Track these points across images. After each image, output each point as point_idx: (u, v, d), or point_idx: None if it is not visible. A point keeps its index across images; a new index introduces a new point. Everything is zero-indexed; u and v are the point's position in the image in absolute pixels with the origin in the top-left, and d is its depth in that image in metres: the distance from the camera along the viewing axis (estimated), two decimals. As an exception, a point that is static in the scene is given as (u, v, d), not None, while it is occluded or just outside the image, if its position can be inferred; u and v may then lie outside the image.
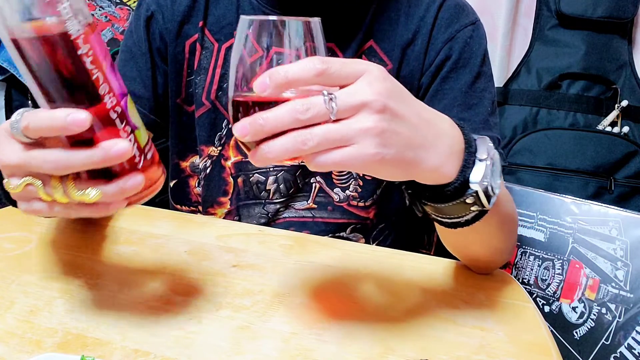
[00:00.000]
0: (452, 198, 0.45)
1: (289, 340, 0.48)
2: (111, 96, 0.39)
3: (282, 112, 0.36)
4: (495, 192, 0.45)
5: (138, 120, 0.42)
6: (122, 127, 0.40)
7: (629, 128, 1.38)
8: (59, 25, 0.36)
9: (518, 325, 0.52)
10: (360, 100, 0.37)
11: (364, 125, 0.37)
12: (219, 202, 0.76)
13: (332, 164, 0.38)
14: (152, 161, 0.43)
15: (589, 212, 0.99)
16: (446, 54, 0.68)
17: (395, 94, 0.39)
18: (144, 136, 0.42)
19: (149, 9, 0.73)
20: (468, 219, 0.47)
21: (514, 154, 1.36)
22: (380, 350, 0.47)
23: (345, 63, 0.38)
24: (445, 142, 0.43)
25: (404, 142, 0.39)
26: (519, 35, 1.50)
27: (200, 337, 0.48)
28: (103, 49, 0.39)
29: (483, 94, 0.68)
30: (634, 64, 1.41)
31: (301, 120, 0.36)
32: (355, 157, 0.37)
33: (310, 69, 0.37)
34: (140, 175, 0.40)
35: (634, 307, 0.92)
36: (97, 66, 0.37)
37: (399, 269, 0.61)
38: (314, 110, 0.36)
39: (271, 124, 0.36)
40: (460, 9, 0.70)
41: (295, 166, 0.72)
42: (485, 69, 0.69)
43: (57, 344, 0.47)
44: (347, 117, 0.37)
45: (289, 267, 0.61)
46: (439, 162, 0.42)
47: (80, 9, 0.37)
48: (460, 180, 0.43)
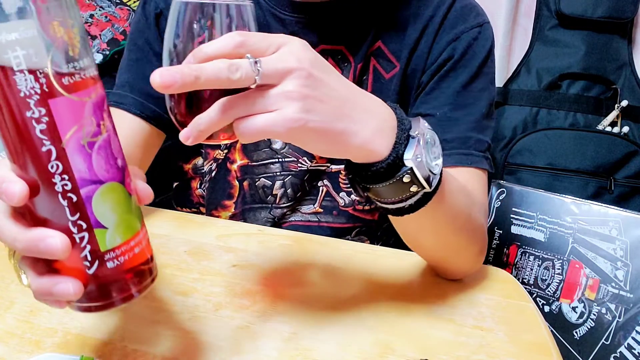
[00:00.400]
0: (387, 176, 0.43)
1: (289, 340, 0.48)
2: (65, 178, 0.31)
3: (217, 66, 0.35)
4: (434, 171, 0.44)
5: (112, 218, 0.33)
6: (72, 219, 0.32)
7: (629, 128, 1.38)
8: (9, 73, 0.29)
9: (518, 325, 0.52)
10: (284, 67, 0.37)
11: (287, 89, 0.37)
12: (223, 205, 0.76)
13: (256, 131, 0.37)
14: (120, 269, 0.34)
15: (589, 212, 0.99)
16: (449, 54, 0.67)
17: (319, 64, 0.39)
18: (111, 239, 0.33)
19: (157, 7, 0.72)
20: (412, 203, 0.45)
21: (514, 154, 1.36)
22: (380, 350, 0.47)
23: (266, 36, 0.38)
24: (374, 117, 0.42)
25: (329, 110, 0.39)
26: (519, 35, 1.51)
27: (200, 337, 0.48)
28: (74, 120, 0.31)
29: (479, 95, 0.67)
30: (634, 64, 1.41)
31: (232, 80, 0.35)
32: (277, 121, 0.37)
33: (229, 41, 0.37)
34: (73, 284, 0.32)
35: (633, 307, 0.92)
36: (51, 138, 0.30)
37: (399, 269, 0.61)
38: (242, 71, 0.36)
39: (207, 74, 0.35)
40: (469, 10, 0.69)
41: (303, 170, 0.71)
42: (486, 70, 0.68)
43: (56, 344, 0.47)
44: (270, 84, 0.37)
45: (289, 267, 0.61)
46: (368, 136, 0.41)
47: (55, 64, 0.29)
48: (393, 156, 0.42)
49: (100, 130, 0.32)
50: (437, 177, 0.45)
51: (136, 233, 0.35)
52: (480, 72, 0.67)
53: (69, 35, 0.30)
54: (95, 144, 0.32)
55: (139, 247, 0.35)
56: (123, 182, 0.34)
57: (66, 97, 0.30)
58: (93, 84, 0.32)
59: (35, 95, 0.29)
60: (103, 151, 0.32)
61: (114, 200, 0.33)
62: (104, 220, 0.33)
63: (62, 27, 0.30)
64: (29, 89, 0.29)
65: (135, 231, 0.35)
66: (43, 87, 0.29)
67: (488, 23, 0.70)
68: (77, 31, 0.31)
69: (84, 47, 0.31)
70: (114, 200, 0.33)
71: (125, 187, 0.34)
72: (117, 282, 0.34)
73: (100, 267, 0.33)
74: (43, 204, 0.32)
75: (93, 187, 0.32)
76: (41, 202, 0.31)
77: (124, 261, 0.34)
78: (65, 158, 0.31)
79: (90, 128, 0.31)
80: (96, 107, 0.32)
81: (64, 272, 0.33)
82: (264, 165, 0.73)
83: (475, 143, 0.64)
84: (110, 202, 0.33)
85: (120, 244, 0.34)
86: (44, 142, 0.30)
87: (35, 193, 0.31)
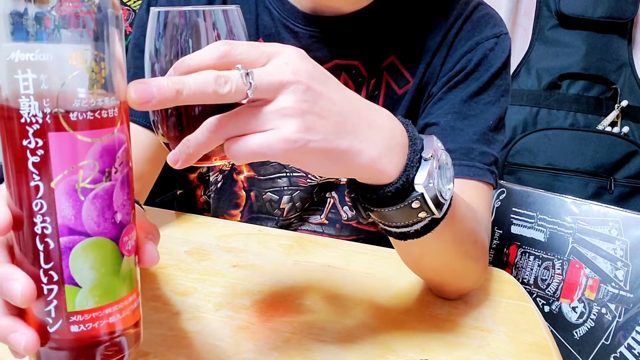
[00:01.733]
0: (395, 201, 0.40)
1: (289, 340, 0.48)
2: (46, 221, 0.28)
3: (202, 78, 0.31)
4: (446, 197, 0.41)
5: (87, 278, 0.29)
6: (45, 267, 0.28)
7: (628, 128, 1.39)
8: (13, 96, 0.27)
9: (518, 326, 0.52)
10: (279, 80, 0.33)
11: (283, 105, 0.33)
12: (229, 214, 0.75)
13: (249, 152, 0.33)
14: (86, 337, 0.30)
15: (589, 212, 0.99)
16: (462, 66, 0.64)
17: (317, 75, 0.35)
18: (82, 301, 0.29)
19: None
20: (417, 229, 0.42)
21: (514, 154, 1.36)
22: (380, 350, 0.47)
23: (254, 44, 0.34)
24: (382, 133, 0.38)
25: (331, 127, 0.35)
26: (519, 35, 1.51)
27: (200, 337, 0.48)
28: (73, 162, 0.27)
29: (488, 107, 0.64)
30: (633, 64, 1.42)
31: (219, 94, 0.31)
32: (273, 142, 0.33)
33: (212, 52, 0.33)
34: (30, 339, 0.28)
35: (633, 307, 0.92)
36: (41, 174, 0.27)
37: (399, 269, 0.61)
38: (231, 84, 0.32)
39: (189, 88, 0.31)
40: (486, 20, 0.66)
41: (312, 185, 0.70)
42: (499, 82, 0.65)
43: (57, 344, 0.47)
44: (264, 99, 0.33)
45: (289, 267, 0.61)
46: (375, 154, 0.37)
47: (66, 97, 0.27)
48: (403, 180, 0.39)
49: (103, 178, 0.28)
50: (447, 203, 0.42)
51: (117, 300, 0.30)
52: (491, 84, 0.64)
53: (94, 68, 0.27)
54: (92, 192, 0.28)
55: (116, 316, 0.30)
56: (117, 240, 0.30)
57: (70, 133, 0.27)
58: (110, 125, 0.28)
59: (36, 125, 0.27)
60: (99, 201, 0.29)
61: (98, 258, 0.29)
62: (80, 277, 0.29)
63: (86, 59, 0.27)
64: (31, 116, 0.26)
65: (116, 298, 0.30)
66: (46, 117, 0.27)
67: (506, 34, 0.67)
68: (104, 66, 0.28)
69: (110, 84, 0.28)
70: (97, 259, 0.29)
71: (118, 246, 0.30)
72: (78, 349, 0.30)
73: (62, 328, 0.29)
74: (21, 242, 0.29)
75: (75, 238, 0.28)
76: (20, 240, 0.29)
77: (92, 328, 0.30)
78: (52, 199, 0.27)
79: (90, 173, 0.28)
80: (106, 151, 0.28)
81: (28, 321, 0.29)
82: (270, 179, 0.71)
83: (479, 155, 0.61)
84: (93, 260, 0.29)
85: (92, 309, 0.29)
86: (33, 176, 0.27)
87: (18, 227, 0.28)
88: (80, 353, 0.30)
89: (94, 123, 0.28)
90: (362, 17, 0.65)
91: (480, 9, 0.67)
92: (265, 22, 0.67)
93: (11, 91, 0.27)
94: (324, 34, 0.65)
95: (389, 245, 0.77)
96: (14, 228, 0.29)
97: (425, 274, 0.55)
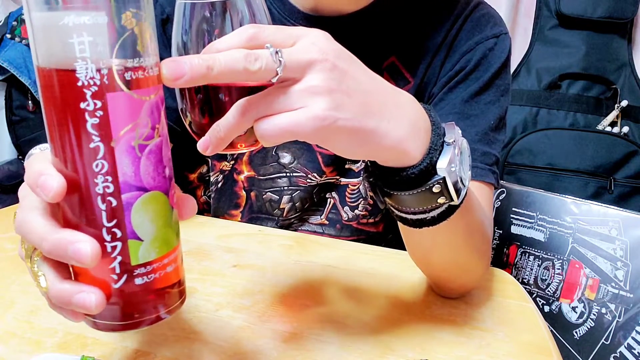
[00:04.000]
0: (416, 184, 0.40)
1: (289, 340, 0.48)
2: (107, 180, 0.29)
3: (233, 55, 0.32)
4: (465, 183, 0.42)
5: (150, 232, 0.30)
6: (107, 226, 0.29)
7: (628, 128, 1.39)
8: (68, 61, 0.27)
9: (518, 325, 0.52)
10: (307, 58, 0.34)
11: (311, 83, 0.34)
12: (230, 214, 0.75)
13: (280, 131, 0.33)
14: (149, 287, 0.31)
15: (589, 212, 0.99)
16: (462, 66, 0.64)
17: (344, 55, 0.36)
18: (144, 253, 0.31)
19: (163, 12, 0.69)
20: (434, 215, 0.42)
21: (514, 154, 1.36)
22: (380, 350, 0.47)
23: (281, 27, 0.35)
24: (407, 114, 0.39)
25: (359, 106, 0.35)
26: (519, 35, 1.51)
27: (201, 337, 0.48)
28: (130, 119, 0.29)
29: (488, 106, 0.64)
30: (633, 64, 1.42)
31: (250, 71, 0.32)
32: (302, 120, 0.33)
33: (241, 35, 0.33)
34: (95, 296, 0.29)
35: (633, 307, 0.92)
36: (101, 134, 0.28)
37: (399, 269, 0.61)
38: (262, 61, 0.32)
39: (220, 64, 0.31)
40: (486, 20, 0.66)
41: (312, 185, 0.70)
42: (499, 82, 0.65)
43: (57, 344, 0.47)
44: (293, 78, 0.34)
45: (289, 267, 0.61)
46: (402, 135, 0.37)
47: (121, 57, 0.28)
48: (427, 162, 0.39)
49: (154, 134, 0.30)
50: (464, 190, 0.42)
51: (172, 249, 0.32)
52: (491, 84, 0.64)
53: (140, 28, 0.28)
54: (147, 147, 0.30)
55: (172, 266, 0.32)
56: (167, 193, 0.31)
57: (126, 92, 0.28)
58: (155, 83, 0.30)
59: (94, 87, 0.27)
60: (153, 156, 0.30)
61: (156, 211, 0.31)
62: (141, 231, 0.30)
63: (134, 19, 0.28)
64: (89, 78, 0.27)
65: (172, 247, 0.32)
66: (104, 78, 0.27)
67: (506, 34, 0.67)
68: (148, 25, 0.29)
69: (152, 43, 0.30)
70: (155, 211, 0.30)
71: (168, 198, 0.32)
72: (142, 302, 0.31)
73: (127, 282, 0.30)
74: (78, 205, 0.29)
75: (136, 194, 0.29)
76: (77, 203, 0.29)
77: (154, 279, 0.31)
78: (112, 158, 0.28)
79: (144, 130, 0.29)
80: (154, 108, 0.30)
81: (87, 282, 0.30)
82: (270, 179, 0.71)
83: (481, 155, 0.61)
84: (152, 213, 0.30)
85: (154, 260, 0.31)
86: (93, 138, 0.28)
87: (73, 191, 0.29)
88: (141, 306, 0.31)
89: (145, 81, 0.29)
90: (362, 17, 0.65)
91: (480, 8, 0.67)
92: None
93: (65, 56, 0.27)
94: None
95: (389, 245, 0.77)
96: (68, 192, 0.29)
97: (432, 269, 0.55)
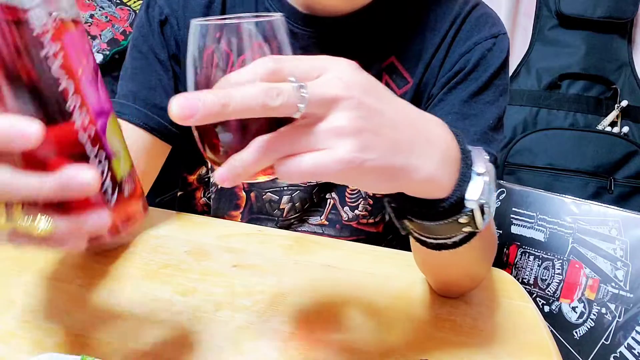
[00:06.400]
0: (444, 216, 0.39)
1: (289, 340, 0.48)
2: (83, 113, 0.31)
3: (251, 92, 0.30)
4: (491, 210, 0.40)
5: (119, 146, 0.34)
6: (93, 154, 0.32)
7: (628, 128, 1.39)
8: (20, 13, 0.28)
9: (518, 326, 0.52)
10: (331, 95, 0.32)
11: (337, 123, 0.32)
12: (230, 216, 0.75)
13: (302, 173, 0.32)
14: (132, 196, 0.35)
15: (589, 212, 0.99)
16: (461, 66, 0.64)
17: (372, 89, 0.34)
18: (123, 167, 0.34)
19: (162, 13, 0.68)
20: (456, 240, 0.41)
21: (514, 154, 1.36)
22: (380, 350, 0.47)
23: (303, 58, 0.33)
24: (438, 147, 0.37)
25: (388, 144, 0.34)
26: (519, 35, 1.51)
27: (200, 337, 0.48)
28: (82, 53, 0.31)
29: (487, 106, 0.64)
30: (633, 64, 1.42)
31: (270, 108, 0.30)
32: (329, 164, 0.31)
33: (260, 69, 0.31)
34: (106, 213, 0.32)
35: (633, 307, 0.92)
36: (67, 73, 0.30)
37: (399, 269, 0.61)
38: (284, 96, 0.30)
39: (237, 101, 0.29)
40: (484, 20, 0.66)
41: (312, 185, 0.70)
42: (498, 82, 0.65)
43: (57, 343, 0.47)
44: (316, 115, 0.32)
45: (289, 267, 0.61)
46: (433, 170, 0.36)
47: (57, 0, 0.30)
48: (457, 195, 0.38)
49: (94, 60, 0.32)
50: (490, 216, 0.40)
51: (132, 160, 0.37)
52: (490, 84, 0.64)
53: None
54: (98, 75, 0.32)
55: (136, 173, 0.37)
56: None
57: (73, 31, 0.30)
58: (80, 21, 0.32)
59: (50, 32, 0.29)
60: (101, 83, 0.33)
61: (118, 129, 0.34)
62: (116, 147, 0.33)
63: None
64: (42, 25, 0.28)
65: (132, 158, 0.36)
66: (56, 21, 0.29)
67: (504, 34, 0.67)
68: None
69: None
70: (117, 130, 0.34)
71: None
72: (130, 209, 0.35)
73: (119, 195, 0.34)
74: (59, 145, 0.30)
75: (105, 118, 0.32)
76: (55, 145, 0.30)
77: (133, 187, 0.35)
78: (79, 91, 0.31)
79: (91, 60, 0.32)
80: (84, 34, 0.33)
81: (87, 209, 0.32)
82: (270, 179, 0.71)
83: None
84: (116, 132, 0.34)
85: (129, 171, 0.35)
86: (60, 80, 0.29)
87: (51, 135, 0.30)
88: (128, 211, 0.35)
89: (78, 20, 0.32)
90: (360, 17, 0.65)
91: (478, 8, 0.67)
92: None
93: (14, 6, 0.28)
94: (323, 34, 0.65)
95: (389, 245, 0.77)
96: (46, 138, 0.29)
97: (443, 280, 0.55)
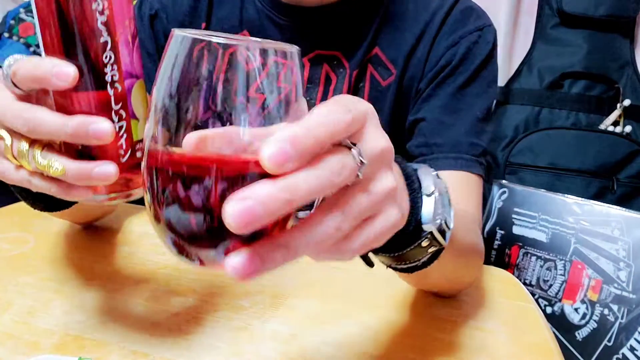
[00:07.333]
0: (406, 245, 0.38)
1: (288, 341, 0.48)
2: (114, 69, 0.34)
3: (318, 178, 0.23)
4: (450, 225, 0.39)
5: (141, 112, 0.36)
6: (115, 108, 0.35)
7: (631, 127, 1.38)
8: None
9: (519, 326, 0.52)
10: (379, 150, 0.27)
11: (387, 185, 0.28)
12: None
13: (368, 246, 0.28)
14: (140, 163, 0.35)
15: (591, 213, 0.99)
16: (447, 60, 0.65)
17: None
18: (140, 130, 0.36)
19: (152, 8, 0.71)
20: (425, 260, 0.40)
21: (516, 153, 1.36)
22: (381, 351, 0.47)
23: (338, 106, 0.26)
24: None
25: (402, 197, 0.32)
26: (521, 34, 1.50)
27: (199, 338, 0.48)
28: (125, 16, 0.34)
29: (475, 99, 0.64)
30: (636, 63, 1.41)
31: (334, 184, 0.24)
32: (387, 230, 0.28)
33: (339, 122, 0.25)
34: (113, 166, 0.34)
35: (636, 308, 0.91)
36: (108, 30, 0.33)
37: (399, 270, 0.60)
38: (347, 168, 0.25)
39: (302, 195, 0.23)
40: (468, 13, 0.67)
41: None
42: (485, 74, 0.65)
43: (54, 345, 0.46)
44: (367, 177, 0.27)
45: (288, 267, 0.60)
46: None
47: None
48: (413, 224, 0.36)
49: (135, 29, 0.36)
50: (450, 231, 0.40)
51: None
52: (477, 76, 0.65)
53: None
54: (136, 40, 0.35)
55: None
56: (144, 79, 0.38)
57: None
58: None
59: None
60: (137, 49, 0.36)
61: (144, 95, 0.37)
62: (137, 112, 0.36)
63: None
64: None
65: None
66: None
67: (490, 26, 0.67)
68: None
69: None
70: (143, 95, 0.37)
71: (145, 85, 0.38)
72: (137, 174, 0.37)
73: (131, 156, 0.36)
74: (86, 95, 0.34)
75: (132, 80, 0.35)
76: (84, 93, 0.34)
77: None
78: (117, 50, 0.34)
79: (132, 25, 0.35)
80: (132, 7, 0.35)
81: (97, 158, 0.35)
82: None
83: (468, 147, 0.62)
84: (142, 97, 0.36)
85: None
86: (102, 33, 0.33)
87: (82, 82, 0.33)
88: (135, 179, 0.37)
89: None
90: (342, 8, 0.66)
91: (461, 2, 0.68)
92: (250, 15, 0.69)
93: None
94: (306, 25, 0.66)
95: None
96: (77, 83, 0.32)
97: (429, 289, 0.56)
